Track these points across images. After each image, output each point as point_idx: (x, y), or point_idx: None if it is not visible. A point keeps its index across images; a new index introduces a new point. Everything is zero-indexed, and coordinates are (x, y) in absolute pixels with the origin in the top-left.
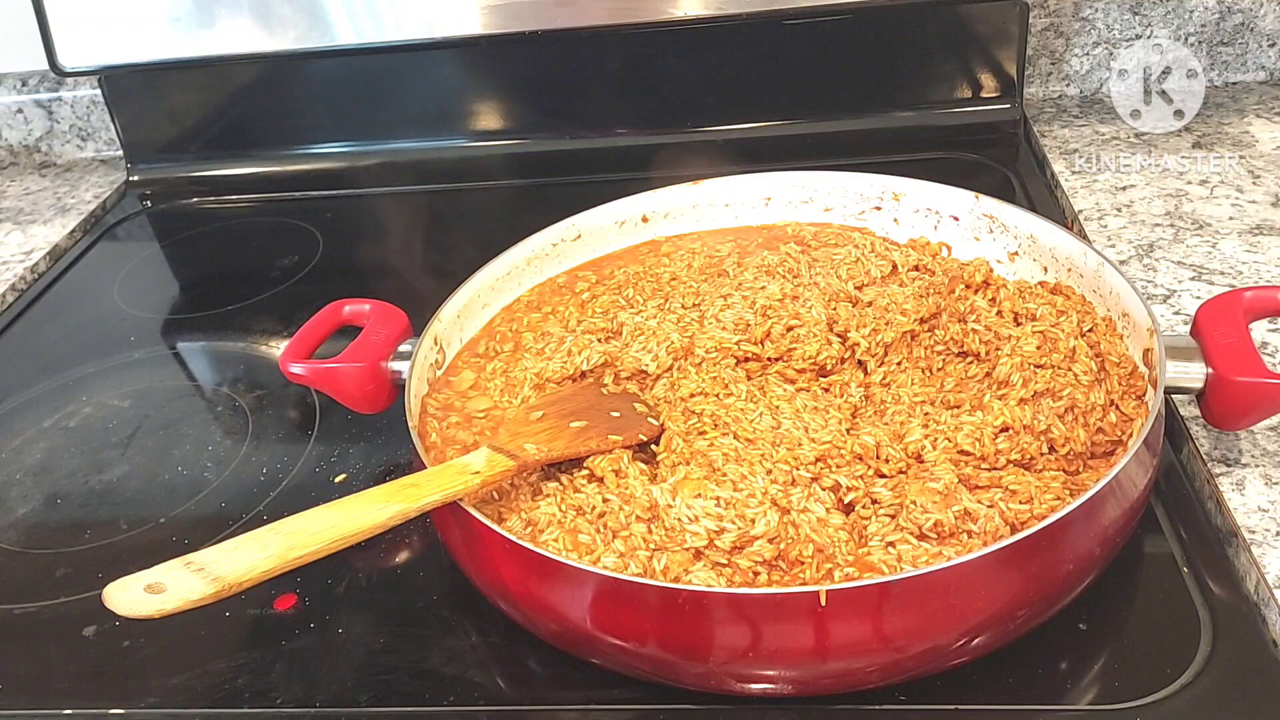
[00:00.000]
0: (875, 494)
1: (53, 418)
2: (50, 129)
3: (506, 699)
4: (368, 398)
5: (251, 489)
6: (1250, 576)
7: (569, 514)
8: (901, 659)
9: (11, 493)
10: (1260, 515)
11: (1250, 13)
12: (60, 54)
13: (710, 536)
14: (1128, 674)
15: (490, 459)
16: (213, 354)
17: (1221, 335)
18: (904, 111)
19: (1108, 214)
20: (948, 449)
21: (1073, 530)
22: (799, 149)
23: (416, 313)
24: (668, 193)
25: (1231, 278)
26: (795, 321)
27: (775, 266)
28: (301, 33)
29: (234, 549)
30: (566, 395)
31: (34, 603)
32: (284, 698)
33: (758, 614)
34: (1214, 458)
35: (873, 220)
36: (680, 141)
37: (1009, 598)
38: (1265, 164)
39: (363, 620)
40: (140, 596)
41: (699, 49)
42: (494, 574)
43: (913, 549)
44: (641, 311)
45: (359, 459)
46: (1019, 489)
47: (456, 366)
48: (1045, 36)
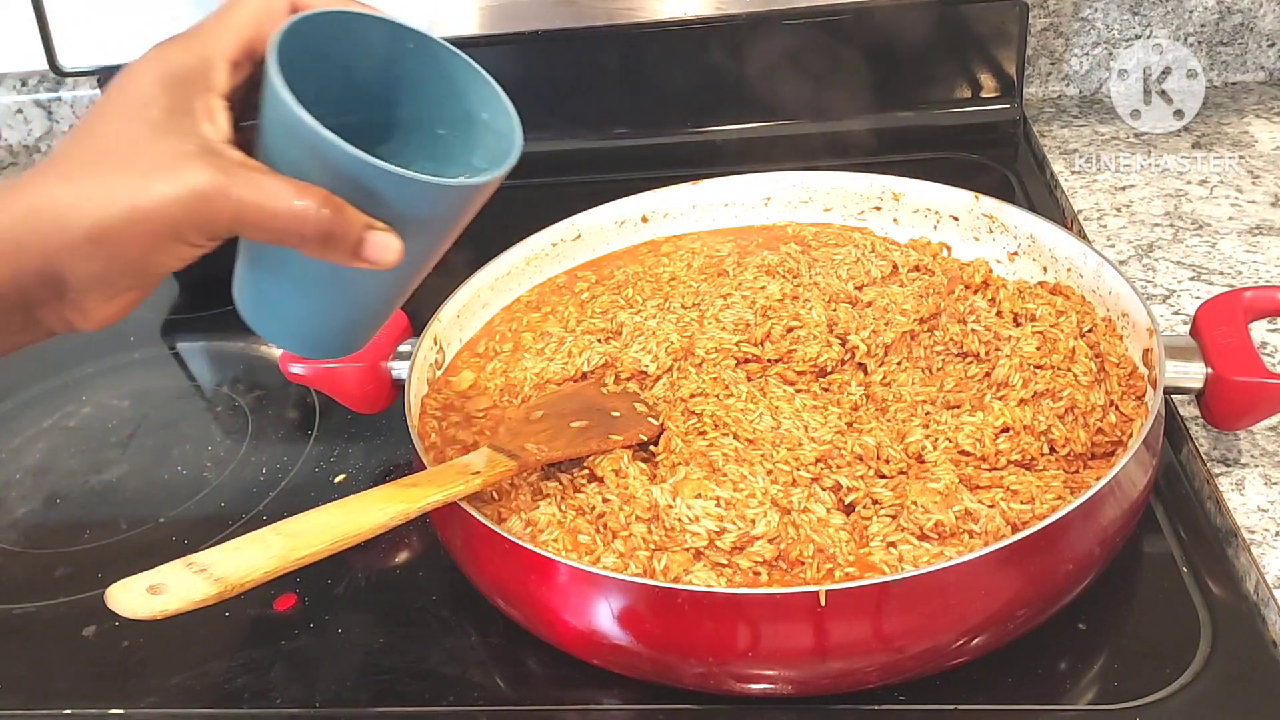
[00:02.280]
0: (876, 494)
1: (53, 418)
2: (50, 129)
3: (506, 699)
4: (368, 398)
5: (251, 489)
6: (1250, 576)
7: (569, 514)
8: (901, 659)
9: (11, 493)
10: (1260, 515)
11: (1250, 13)
12: (60, 54)
13: (710, 537)
14: (1127, 674)
15: (490, 459)
16: (213, 354)
17: (1221, 335)
18: (904, 111)
19: (1107, 214)
20: (948, 449)
21: (1072, 530)
22: (799, 149)
23: (416, 313)
24: (667, 193)
25: (1231, 278)
26: (795, 323)
27: (775, 266)
28: None
29: (235, 549)
30: (566, 395)
31: (34, 603)
32: (284, 698)
33: (758, 614)
34: (1214, 458)
35: (872, 220)
36: (680, 141)
37: (1008, 598)
38: (1265, 164)
39: (362, 620)
40: (142, 597)
41: (699, 49)
42: (494, 574)
43: (914, 549)
44: (641, 312)
45: (359, 459)
46: (1020, 489)
47: (456, 366)
48: (1045, 36)
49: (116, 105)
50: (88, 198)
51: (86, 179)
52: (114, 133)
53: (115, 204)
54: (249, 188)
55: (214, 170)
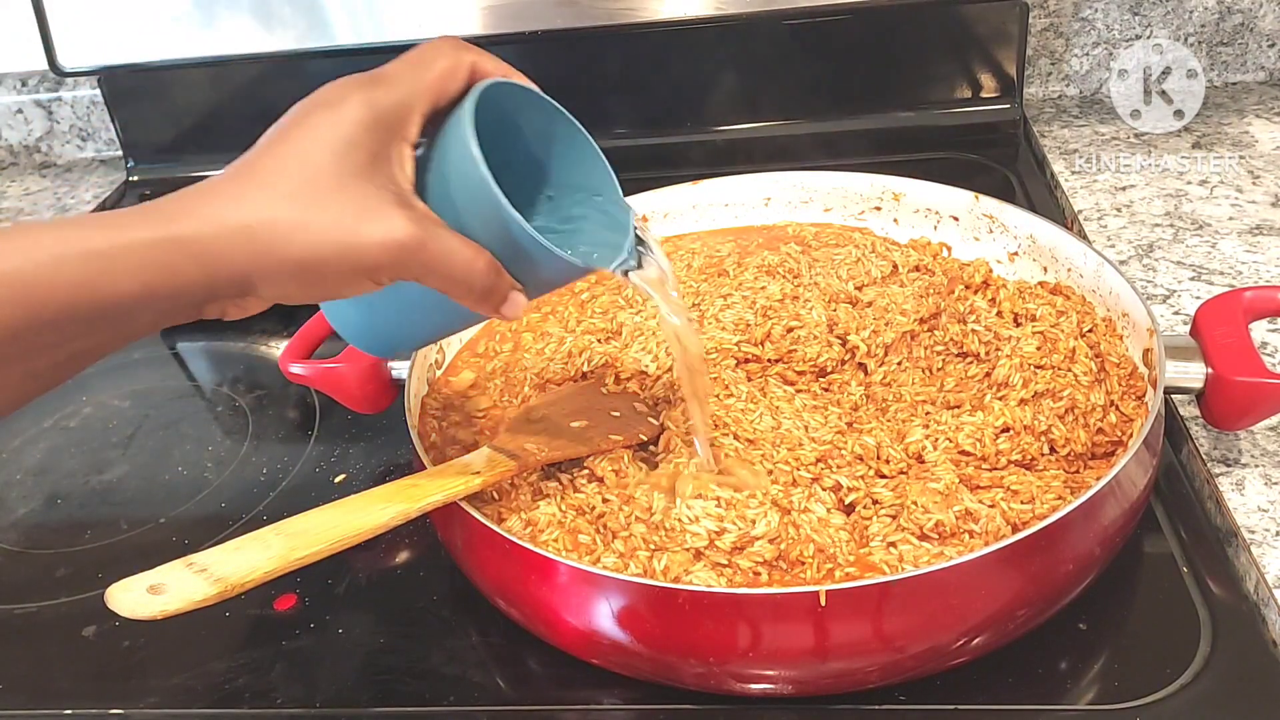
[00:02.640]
0: (876, 494)
1: (53, 418)
2: (50, 129)
3: (506, 699)
4: (368, 398)
5: (251, 489)
6: (1250, 576)
7: (569, 514)
8: (901, 659)
9: (11, 493)
10: (1260, 515)
11: (1250, 13)
12: (60, 54)
13: (711, 537)
14: (1128, 674)
15: (491, 459)
16: (213, 354)
17: (1221, 335)
18: (904, 111)
19: (1107, 214)
20: (948, 449)
21: (1072, 530)
22: (799, 149)
23: None
24: (668, 193)
25: (1231, 278)
26: (795, 323)
27: (775, 267)
28: (301, 33)
29: (236, 550)
30: (567, 395)
31: (34, 603)
32: (284, 698)
33: (758, 614)
34: (1214, 458)
35: (872, 220)
36: (680, 141)
37: (1009, 598)
38: (1265, 164)
39: (363, 620)
40: (143, 597)
41: (699, 49)
42: (494, 574)
43: (914, 549)
44: (641, 312)
45: (359, 459)
46: (1021, 489)
47: (456, 366)
48: (1045, 36)
49: (325, 140)
50: (304, 228)
51: (302, 210)
52: (324, 167)
53: (328, 240)
54: (438, 245)
55: (413, 223)
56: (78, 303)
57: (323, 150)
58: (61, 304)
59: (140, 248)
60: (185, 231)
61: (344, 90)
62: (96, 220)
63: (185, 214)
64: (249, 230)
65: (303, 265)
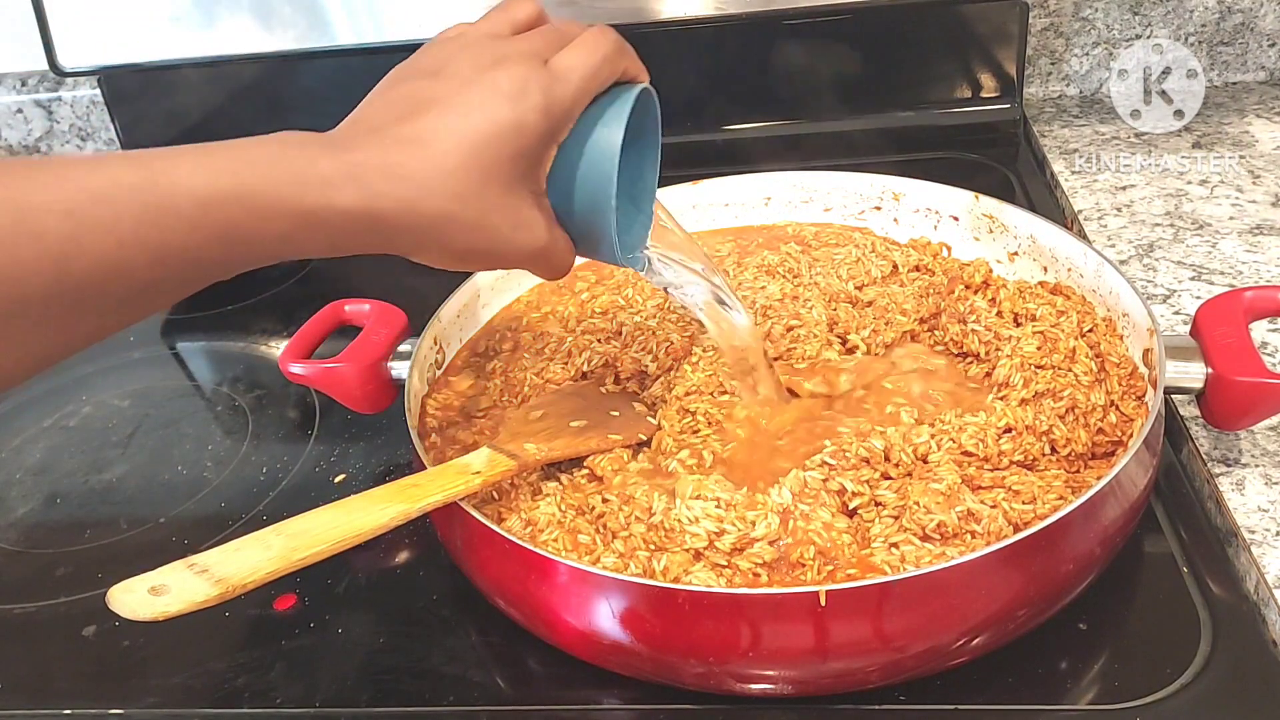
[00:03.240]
0: (879, 496)
1: (53, 417)
2: (50, 129)
3: (506, 699)
4: (368, 398)
5: (251, 489)
6: (1250, 576)
7: (569, 514)
8: (901, 659)
9: (11, 492)
10: (1260, 515)
11: (1250, 13)
12: (60, 54)
13: (710, 538)
14: (1128, 674)
15: (490, 459)
16: (213, 354)
17: (1221, 335)
18: (904, 111)
19: (1107, 214)
20: (951, 450)
21: (1073, 530)
22: (799, 149)
23: (416, 313)
24: (667, 192)
25: (1231, 278)
26: (795, 322)
27: (775, 266)
28: (301, 33)
29: (237, 550)
30: (566, 395)
31: (34, 603)
32: (284, 698)
33: (758, 614)
34: (1214, 458)
35: (873, 220)
36: (681, 141)
37: (1009, 598)
38: (1265, 164)
39: (363, 620)
40: (144, 598)
41: (699, 49)
42: (494, 574)
43: (916, 550)
44: (641, 312)
45: (359, 459)
46: (1022, 489)
47: (456, 366)
48: (1045, 36)
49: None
50: (473, 230)
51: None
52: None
53: (486, 240)
54: (558, 251)
55: (546, 232)
56: (286, 237)
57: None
58: (271, 240)
59: (338, 219)
60: (385, 209)
61: (524, 81)
62: (308, 168)
63: (384, 194)
64: (433, 224)
65: (457, 255)
